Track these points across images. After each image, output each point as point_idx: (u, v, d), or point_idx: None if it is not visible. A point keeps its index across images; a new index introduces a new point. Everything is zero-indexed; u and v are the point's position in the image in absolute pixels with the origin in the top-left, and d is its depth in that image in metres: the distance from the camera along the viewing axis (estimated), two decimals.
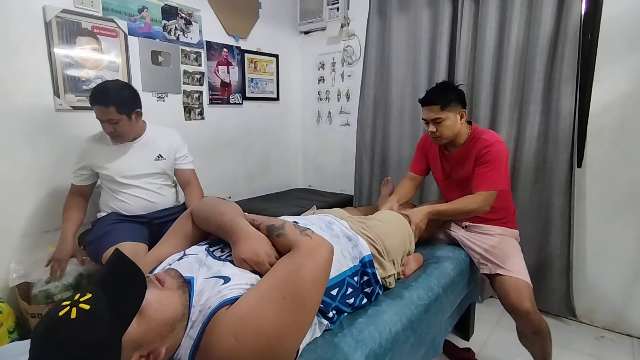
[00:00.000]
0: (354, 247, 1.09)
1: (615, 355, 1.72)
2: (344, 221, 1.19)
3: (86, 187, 1.68)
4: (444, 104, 1.45)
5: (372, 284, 1.07)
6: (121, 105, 1.51)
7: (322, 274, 0.79)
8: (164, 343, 0.67)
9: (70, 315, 0.58)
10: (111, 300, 0.61)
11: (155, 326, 0.66)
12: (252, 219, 0.94)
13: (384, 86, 2.47)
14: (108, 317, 0.59)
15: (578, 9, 1.74)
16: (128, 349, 0.61)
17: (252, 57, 2.71)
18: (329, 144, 3.03)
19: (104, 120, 1.52)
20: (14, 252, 1.70)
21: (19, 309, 1.61)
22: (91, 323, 0.58)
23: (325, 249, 0.81)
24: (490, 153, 1.43)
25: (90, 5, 1.84)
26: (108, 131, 1.55)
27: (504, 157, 1.45)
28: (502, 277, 1.39)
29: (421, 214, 1.42)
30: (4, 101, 1.63)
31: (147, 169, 1.68)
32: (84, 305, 0.59)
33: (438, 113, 1.45)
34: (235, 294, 0.73)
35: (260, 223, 0.91)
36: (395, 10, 2.37)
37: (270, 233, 0.87)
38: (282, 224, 0.88)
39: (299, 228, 0.86)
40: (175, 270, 0.81)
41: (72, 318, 0.58)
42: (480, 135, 1.50)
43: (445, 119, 1.46)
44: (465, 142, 1.53)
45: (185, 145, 1.83)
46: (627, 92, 1.74)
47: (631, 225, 1.80)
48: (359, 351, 0.88)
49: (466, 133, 1.53)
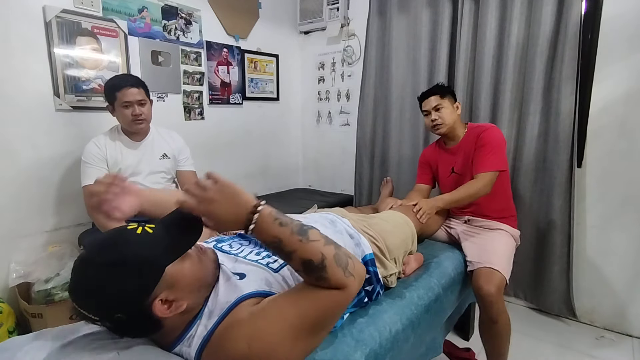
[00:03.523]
0: (356, 246, 1.09)
1: (615, 355, 1.72)
2: (346, 219, 1.20)
3: None
4: (442, 94, 1.63)
5: (373, 283, 1.08)
6: (146, 88, 1.63)
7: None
8: (188, 298, 0.71)
9: (136, 230, 0.68)
10: (171, 233, 0.71)
11: (190, 276, 0.72)
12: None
13: (384, 86, 2.47)
14: (163, 244, 0.69)
15: (578, 9, 1.74)
16: (164, 283, 0.67)
17: (252, 57, 2.71)
18: (329, 144, 3.03)
19: (134, 102, 1.56)
20: (14, 252, 1.70)
21: (19, 309, 1.61)
22: (150, 241, 0.68)
23: (360, 282, 0.77)
24: (486, 136, 1.55)
25: (90, 5, 1.84)
26: (136, 114, 1.57)
27: (500, 139, 1.56)
28: (481, 268, 1.40)
29: (431, 202, 1.54)
30: (4, 101, 1.63)
31: (153, 167, 1.70)
32: (148, 228, 0.69)
33: (439, 100, 1.61)
34: (252, 289, 0.78)
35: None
36: (395, 10, 2.36)
37: (309, 273, 0.73)
38: (322, 258, 0.71)
39: (339, 260, 0.73)
40: (213, 250, 0.87)
41: (137, 232, 0.68)
42: (477, 127, 1.64)
43: (445, 107, 1.61)
44: (464, 136, 1.66)
45: (188, 147, 1.85)
46: (627, 92, 1.74)
47: (631, 225, 1.80)
48: (359, 351, 0.88)
49: (463, 127, 1.68)
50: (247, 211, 0.70)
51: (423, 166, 1.84)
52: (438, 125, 1.62)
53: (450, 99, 1.64)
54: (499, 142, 1.54)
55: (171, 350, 0.75)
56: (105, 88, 1.60)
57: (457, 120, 1.65)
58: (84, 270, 0.65)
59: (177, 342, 0.74)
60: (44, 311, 1.54)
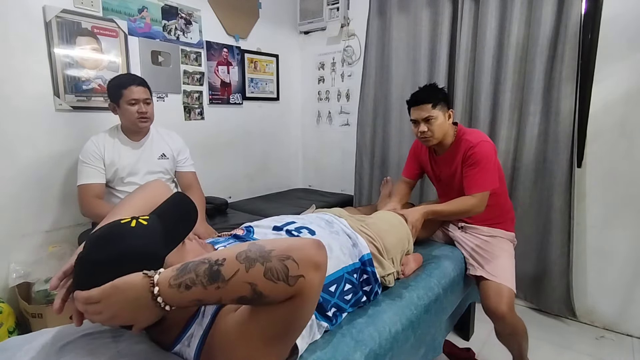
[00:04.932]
0: (354, 246, 1.09)
1: (615, 355, 1.72)
2: (343, 219, 1.20)
3: (103, 186, 1.63)
4: (435, 102, 1.46)
5: (372, 283, 1.08)
6: (150, 88, 1.65)
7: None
8: None
9: (130, 224, 0.68)
10: (165, 223, 0.71)
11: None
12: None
13: (384, 86, 2.47)
14: (159, 235, 0.69)
15: (578, 9, 1.74)
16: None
17: (252, 57, 2.71)
18: (329, 144, 3.03)
19: (140, 100, 1.58)
20: (14, 252, 1.70)
21: (19, 309, 1.62)
22: (145, 233, 0.68)
23: (316, 270, 0.63)
24: (475, 155, 1.44)
25: (90, 5, 1.84)
26: (142, 112, 1.59)
27: (490, 157, 1.45)
28: (486, 282, 1.41)
29: (418, 214, 1.44)
30: (4, 101, 1.63)
31: (151, 167, 1.70)
32: (142, 220, 0.69)
33: (430, 112, 1.45)
34: None
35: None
36: (395, 10, 2.36)
37: (249, 305, 0.65)
38: (251, 288, 0.60)
39: (274, 274, 0.60)
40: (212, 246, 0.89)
41: (131, 226, 0.68)
42: (464, 136, 1.51)
43: (437, 118, 1.46)
44: (452, 144, 1.54)
45: (187, 148, 1.85)
46: (627, 92, 1.74)
47: (631, 225, 1.80)
48: (358, 351, 0.88)
49: (452, 134, 1.55)
50: (144, 290, 0.59)
51: (412, 159, 1.77)
52: (427, 138, 1.50)
53: (443, 108, 1.48)
54: (489, 160, 1.44)
55: (171, 349, 0.74)
56: (110, 86, 1.60)
57: (447, 131, 1.51)
58: (84, 268, 0.65)
59: (177, 341, 0.74)
60: (44, 311, 1.54)
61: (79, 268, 0.66)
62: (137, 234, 0.67)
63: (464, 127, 1.58)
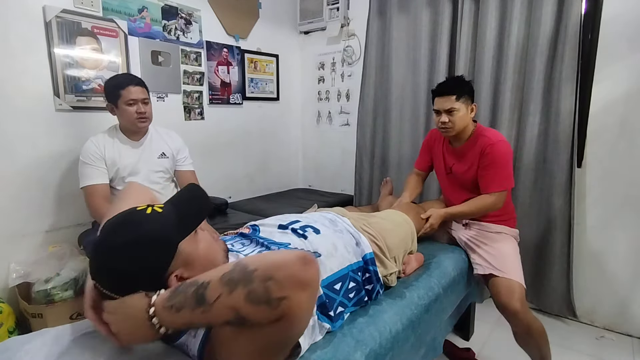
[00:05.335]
0: (357, 245, 1.10)
1: (615, 355, 1.72)
2: (346, 218, 1.20)
3: (109, 187, 1.63)
4: (459, 94, 1.46)
5: (373, 282, 1.08)
6: (147, 88, 1.64)
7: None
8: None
9: (146, 211, 0.71)
10: (179, 211, 0.74)
11: (204, 257, 0.75)
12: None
13: (384, 86, 2.47)
14: (173, 222, 0.71)
15: (578, 9, 1.74)
16: (179, 260, 0.71)
17: (252, 57, 2.71)
18: (329, 144, 3.03)
19: (138, 100, 1.58)
20: (14, 252, 1.70)
21: (19, 309, 1.61)
22: (160, 220, 0.70)
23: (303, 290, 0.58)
24: (493, 153, 1.45)
25: (90, 5, 1.84)
26: (141, 112, 1.59)
27: (508, 156, 1.48)
28: (496, 278, 1.41)
29: (439, 216, 1.51)
30: (4, 101, 1.63)
31: (151, 166, 1.70)
32: (158, 208, 0.72)
33: (453, 103, 1.46)
34: None
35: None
36: (395, 10, 2.36)
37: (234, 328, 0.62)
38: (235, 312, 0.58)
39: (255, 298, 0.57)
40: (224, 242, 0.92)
41: (147, 213, 0.71)
42: (484, 133, 1.51)
43: (459, 110, 1.46)
44: (469, 138, 1.54)
45: (186, 147, 1.85)
46: (627, 92, 1.74)
47: (631, 225, 1.80)
48: (359, 351, 0.88)
49: (472, 129, 1.55)
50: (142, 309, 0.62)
51: (425, 150, 1.78)
52: (447, 129, 1.51)
53: (467, 101, 1.48)
54: (507, 159, 1.47)
55: (177, 340, 0.75)
56: (107, 87, 1.59)
57: (467, 125, 1.52)
58: (101, 253, 0.68)
59: (183, 332, 0.74)
60: (44, 311, 1.54)
61: (95, 251, 0.69)
62: (153, 220, 0.70)
63: (483, 126, 1.58)
